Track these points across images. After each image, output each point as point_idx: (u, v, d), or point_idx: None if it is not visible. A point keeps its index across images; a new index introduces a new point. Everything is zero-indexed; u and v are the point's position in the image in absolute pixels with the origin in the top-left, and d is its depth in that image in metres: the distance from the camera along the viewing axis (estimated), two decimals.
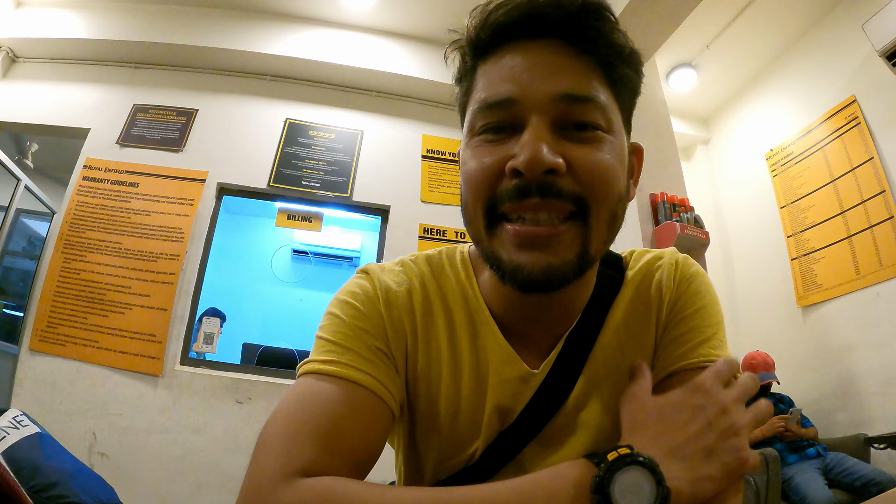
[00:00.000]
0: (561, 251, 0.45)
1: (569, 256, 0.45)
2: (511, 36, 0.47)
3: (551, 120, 0.45)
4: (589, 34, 0.46)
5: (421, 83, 3.44)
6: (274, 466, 0.41)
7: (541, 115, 0.44)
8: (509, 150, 0.45)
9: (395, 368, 0.53)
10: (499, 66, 0.47)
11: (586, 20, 0.45)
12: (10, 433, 1.73)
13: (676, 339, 0.54)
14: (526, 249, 0.44)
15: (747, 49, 3.57)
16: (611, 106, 0.47)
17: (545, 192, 0.43)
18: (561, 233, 0.44)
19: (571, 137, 0.45)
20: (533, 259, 0.44)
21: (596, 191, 0.45)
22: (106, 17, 3.31)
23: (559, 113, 0.45)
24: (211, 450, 2.57)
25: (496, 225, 0.46)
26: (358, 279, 0.58)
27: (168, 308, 2.77)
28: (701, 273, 0.59)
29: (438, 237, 3.18)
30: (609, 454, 0.39)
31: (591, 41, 0.46)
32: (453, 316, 0.56)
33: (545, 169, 0.43)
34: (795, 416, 2.54)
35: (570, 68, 0.46)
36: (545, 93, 0.45)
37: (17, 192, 2.93)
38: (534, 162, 0.42)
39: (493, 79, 0.47)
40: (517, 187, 0.44)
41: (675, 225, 2.68)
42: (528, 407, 0.53)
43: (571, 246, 0.45)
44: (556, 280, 0.45)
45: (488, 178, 0.46)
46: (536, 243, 0.44)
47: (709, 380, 0.44)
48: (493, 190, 0.46)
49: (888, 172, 2.82)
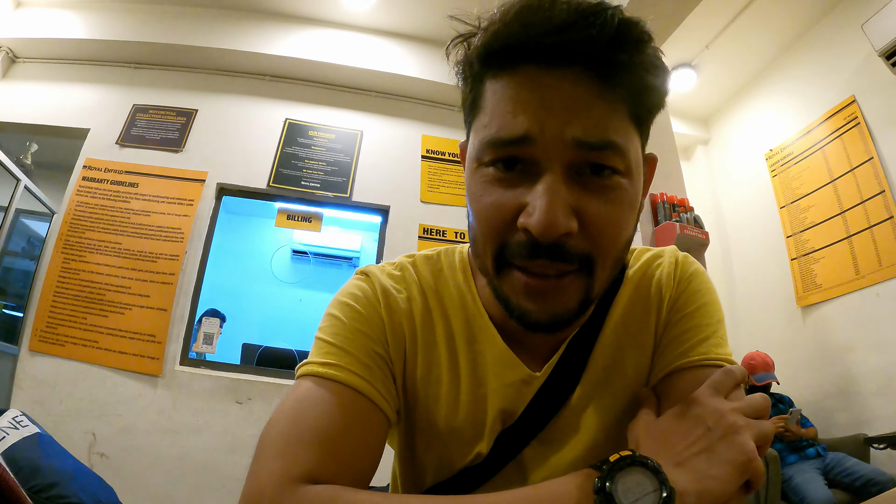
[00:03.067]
0: (564, 301, 0.45)
1: (571, 304, 0.45)
2: (527, 60, 0.42)
3: (566, 165, 0.42)
4: (618, 70, 0.41)
5: (421, 83, 3.44)
6: (276, 471, 0.41)
7: (556, 161, 0.42)
8: (521, 197, 0.43)
9: (392, 373, 0.53)
10: (512, 91, 0.43)
11: (617, 56, 0.41)
12: (9, 433, 1.72)
13: (677, 338, 0.54)
14: (532, 298, 0.44)
15: (747, 49, 3.57)
16: (631, 143, 0.44)
17: (554, 256, 0.42)
18: (565, 286, 0.44)
19: (587, 184, 0.43)
20: (539, 307, 0.44)
21: (604, 247, 0.44)
22: (106, 17, 3.31)
23: (574, 157, 0.42)
24: (211, 450, 2.57)
25: (504, 269, 0.46)
26: (358, 281, 0.58)
27: (168, 308, 2.76)
28: (701, 271, 0.59)
29: (438, 237, 3.18)
30: (611, 457, 0.39)
31: (620, 77, 0.41)
32: (450, 321, 0.56)
33: (558, 234, 0.41)
34: (795, 416, 2.54)
35: (589, 107, 0.41)
36: (561, 136, 0.41)
37: (17, 193, 2.93)
38: (548, 227, 0.40)
39: (506, 108, 0.43)
40: (529, 246, 0.42)
41: (675, 225, 2.68)
42: (529, 407, 0.54)
43: (574, 295, 0.45)
44: (561, 325, 0.45)
45: (500, 226, 0.44)
46: (543, 293, 0.44)
47: (704, 391, 0.45)
48: (503, 238, 0.44)
49: (888, 172, 2.82)
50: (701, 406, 0.43)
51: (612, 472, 0.38)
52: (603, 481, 0.37)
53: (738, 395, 0.46)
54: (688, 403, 0.45)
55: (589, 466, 0.40)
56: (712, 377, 0.46)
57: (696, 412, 0.43)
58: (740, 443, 0.40)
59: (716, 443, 0.41)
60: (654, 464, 0.38)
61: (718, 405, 0.43)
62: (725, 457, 0.40)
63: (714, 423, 0.42)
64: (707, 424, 0.42)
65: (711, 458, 0.40)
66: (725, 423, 0.41)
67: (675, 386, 0.50)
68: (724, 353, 0.52)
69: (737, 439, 0.41)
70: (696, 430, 0.42)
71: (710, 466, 0.39)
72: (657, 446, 0.43)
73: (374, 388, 0.49)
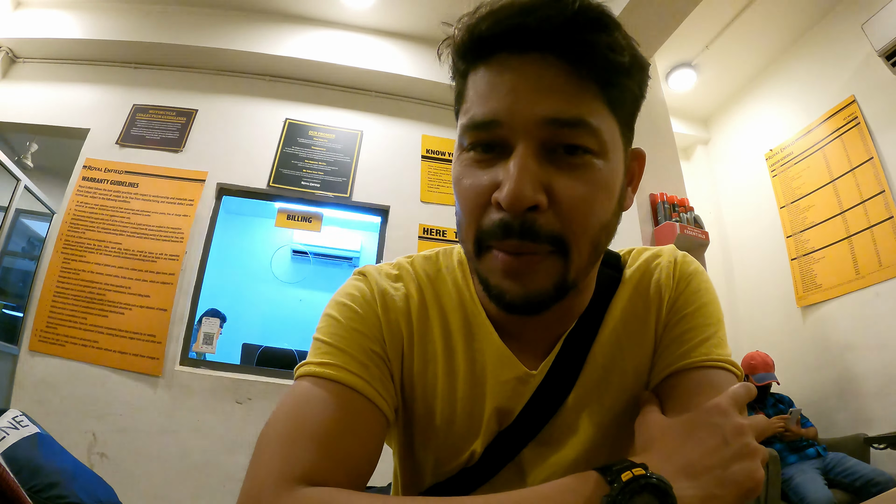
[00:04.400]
0: (539, 281, 0.45)
1: (546, 285, 0.45)
2: (498, 48, 0.44)
3: (538, 144, 0.43)
4: (582, 48, 0.42)
5: (421, 83, 3.44)
6: (274, 471, 0.41)
7: (527, 139, 0.43)
8: (496, 175, 0.44)
9: (391, 372, 0.53)
10: (485, 80, 0.45)
11: (578, 34, 0.42)
12: (9, 433, 1.72)
13: (677, 338, 0.54)
14: (509, 277, 0.45)
15: (747, 49, 3.57)
16: (605, 124, 0.45)
17: (524, 234, 0.43)
18: (538, 265, 0.45)
19: (559, 162, 0.44)
20: (513, 287, 0.45)
21: (575, 227, 0.44)
22: (105, 17, 3.31)
23: (546, 136, 0.43)
24: (211, 450, 2.57)
25: (484, 251, 0.47)
26: (355, 281, 0.58)
27: (168, 308, 2.76)
28: (700, 271, 0.59)
29: (438, 237, 3.18)
30: (623, 473, 0.38)
31: (585, 56, 0.42)
32: (448, 319, 0.56)
33: (526, 207, 0.42)
34: (795, 416, 2.54)
35: (558, 88, 0.43)
36: (530, 116, 0.43)
37: (17, 193, 2.93)
38: (515, 199, 0.42)
39: (480, 95, 0.45)
40: (501, 225, 0.44)
41: (675, 225, 2.68)
42: (526, 407, 0.53)
43: (549, 277, 0.45)
44: (535, 306, 0.46)
45: (477, 206, 0.46)
46: (518, 272, 0.45)
47: (726, 401, 0.44)
48: (480, 219, 0.46)
49: (888, 172, 2.82)
50: (721, 417, 0.42)
51: (623, 494, 0.37)
52: (612, 500, 0.37)
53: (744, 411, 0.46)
54: (708, 411, 0.43)
55: (597, 472, 0.39)
56: (734, 390, 0.45)
57: (715, 422, 0.42)
58: (753, 469, 0.40)
59: (730, 460, 0.40)
60: (667, 485, 0.37)
61: (739, 421, 0.42)
62: (736, 478, 0.39)
63: (732, 440, 0.41)
64: (725, 438, 0.41)
65: (723, 477, 0.39)
66: (742, 443, 0.41)
67: (677, 386, 0.50)
68: (724, 354, 0.52)
69: (751, 465, 0.40)
70: (712, 440, 0.41)
71: (720, 485, 0.39)
72: (670, 446, 0.42)
73: (371, 387, 0.49)
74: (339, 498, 0.40)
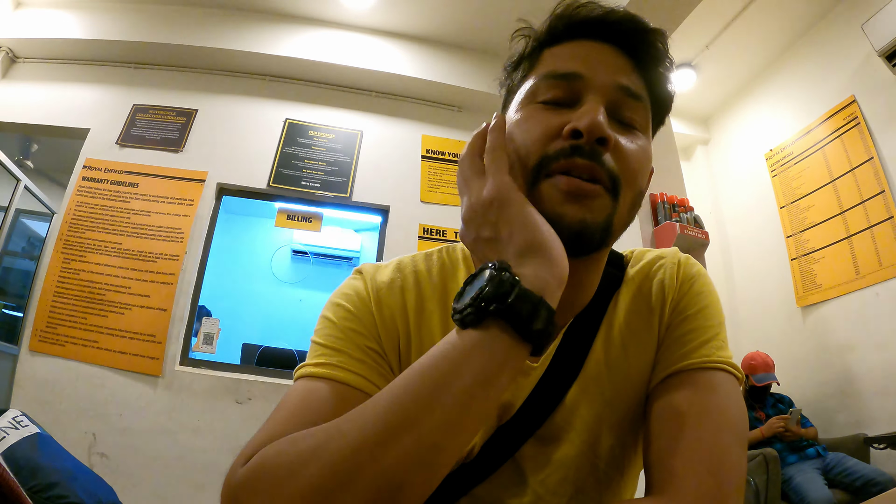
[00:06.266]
0: (595, 211, 0.48)
1: (599, 218, 0.48)
2: (584, 33, 0.54)
3: (607, 103, 0.50)
4: (648, 52, 0.53)
5: (421, 83, 3.44)
6: (244, 455, 0.42)
7: (599, 95, 0.50)
8: (566, 118, 0.49)
9: (390, 367, 0.54)
10: (568, 50, 0.54)
11: (649, 40, 0.53)
12: (9, 433, 1.72)
13: (679, 339, 0.54)
14: (571, 202, 0.47)
15: (747, 49, 3.57)
16: (649, 114, 0.54)
17: (593, 156, 0.47)
18: (600, 194, 0.48)
19: (615, 127, 0.50)
20: (575, 211, 0.47)
21: (628, 174, 0.49)
22: (105, 17, 3.31)
23: (614, 100, 0.50)
24: (211, 450, 2.57)
25: (540, 181, 0.49)
26: (352, 280, 0.59)
27: (168, 308, 2.76)
28: (703, 273, 0.59)
29: (438, 237, 3.18)
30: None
31: (648, 58, 0.53)
32: (449, 312, 0.56)
33: (601, 135, 0.47)
34: (795, 416, 2.54)
35: (628, 70, 0.53)
36: (608, 79, 0.51)
37: (17, 193, 2.93)
38: (594, 125, 0.47)
39: (563, 57, 0.53)
40: (571, 148, 0.48)
41: (675, 225, 2.68)
42: (528, 401, 0.54)
43: (602, 211, 0.48)
44: (588, 237, 0.48)
45: (545, 136, 0.49)
46: (579, 195, 0.47)
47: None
48: (545, 149, 0.49)
49: (888, 172, 2.82)
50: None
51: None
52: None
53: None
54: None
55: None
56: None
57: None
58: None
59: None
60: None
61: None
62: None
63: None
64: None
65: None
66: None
67: (677, 386, 0.50)
68: (725, 356, 0.52)
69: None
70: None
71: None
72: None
73: (368, 382, 0.50)
74: (274, 445, 0.40)
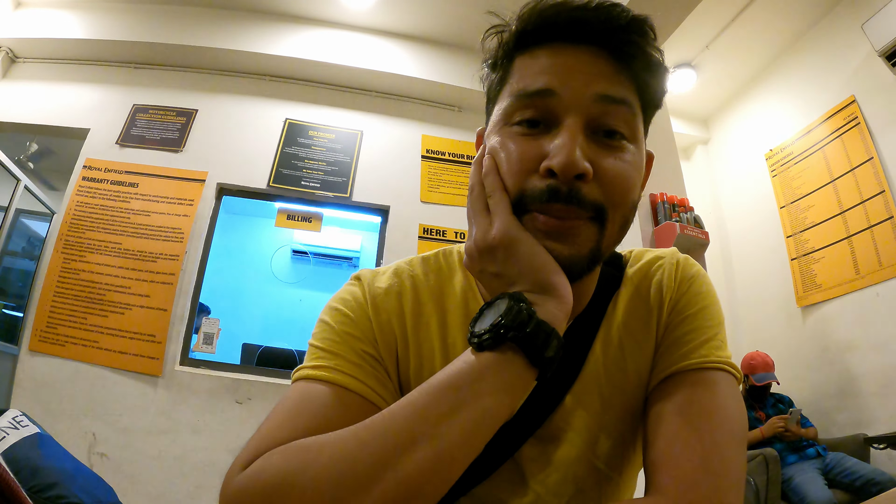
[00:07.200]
0: (579, 244, 0.47)
1: (584, 250, 0.47)
2: (555, 36, 0.49)
3: (585, 121, 0.47)
4: (630, 48, 0.48)
5: (421, 83, 3.44)
6: (242, 458, 0.42)
7: (577, 114, 0.47)
8: (543, 146, 0.47)
9: (387, 371, 0.54)
10: (539, 60, 0.49)
11: (630, 35, 0.48)
12: (9, 433, 1.72)
13: (678, 340, 0.54)
14: (552, 240, 0.47)
15: (747, 49, 3.57)
16: (638, 115, 0.50)
17: (570, 200, 0.45)
18: (579, 229, 0.47)
19: (600, 144, 0.47)
20: (559, 248, 0.46)
21: (615, 199, 0.47)
22: (105, 17, 3.31)
23: (594, 114, 0.47)
24: (211, 450, 2.57)
25: (522, 215, 0.48)
26: (349, 286, 0.60)
27: (168, 308, 2.76)
28: (702, 273, 0.59)
29: (438, 237, 3.18)
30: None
31: (630, 54, 0.48)
32: (447, 316, 0.57)
33: (577, 174, 0.45)
34: (795, 416, 2.54)
35: (608, 74, 0.48)
36: (584, 91, 0.47)
37: (17, 193, 2.93)
38: (568, 165, 0.44)
39: (534, 70, 0.49)
40: (549, 190, 0.46)
41: (675, 225, 2.68)
42: (527, 402, 0.53)
43: (587, 242, 0.47)
44: (575, 269, 0.47)
45: (522, 172, 0.48)
46: (560, 233, 0.46)
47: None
48: (523, 185, 0.47)
49: (888, 172, 2.82)
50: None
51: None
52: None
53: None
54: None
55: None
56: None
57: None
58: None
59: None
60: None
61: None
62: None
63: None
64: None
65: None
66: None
67: (677, 387, 0.50)
68: (724, 356, 0.52)
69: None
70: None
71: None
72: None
73: (364, 385, 0.50)
74: (280, 451, 0.40)
